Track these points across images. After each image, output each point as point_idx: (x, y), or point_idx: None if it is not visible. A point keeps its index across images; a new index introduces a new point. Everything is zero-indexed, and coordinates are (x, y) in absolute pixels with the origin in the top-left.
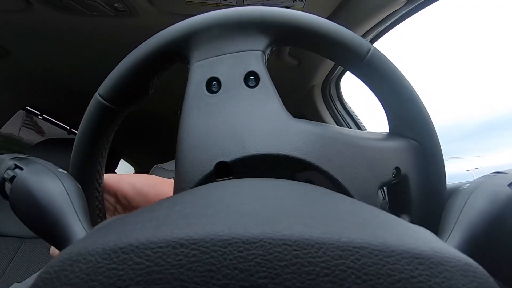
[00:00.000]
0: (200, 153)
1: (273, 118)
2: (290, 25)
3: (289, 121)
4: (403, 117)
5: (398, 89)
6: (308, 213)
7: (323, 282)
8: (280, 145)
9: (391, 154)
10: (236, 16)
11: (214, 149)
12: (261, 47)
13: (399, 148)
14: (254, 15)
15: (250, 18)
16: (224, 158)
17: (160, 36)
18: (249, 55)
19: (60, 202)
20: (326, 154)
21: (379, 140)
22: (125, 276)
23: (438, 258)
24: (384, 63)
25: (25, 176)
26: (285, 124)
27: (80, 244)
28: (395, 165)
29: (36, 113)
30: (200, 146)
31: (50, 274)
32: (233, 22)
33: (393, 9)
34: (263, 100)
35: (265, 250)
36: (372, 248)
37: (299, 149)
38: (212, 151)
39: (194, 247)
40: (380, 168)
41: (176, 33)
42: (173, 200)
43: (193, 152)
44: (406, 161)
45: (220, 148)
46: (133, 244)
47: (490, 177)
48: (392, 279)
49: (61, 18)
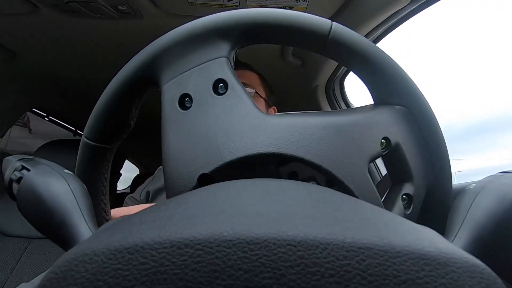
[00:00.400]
0: (181, 169)
1: (245, 119)
2: (245, 25)
3: (261, 119)
4: (383, 85)
5: (369, 56)
6: (312, 213)
7: (328, 283)
8: (255, 144)
9: (375, 125)
10: (192, 30)
11: (193, 163)
12: (224, 53)
13: (384, 117)
14: (209, 24)
15: (206, 28)
16: (205, 170)
17: (127, 68)
18: (213, 63)
19: (66, 202)
20: (303, 142)
21: (360, 113)
22: (131, 276)
23: (444, 259)
24: (348, 35)
25: (32, 177)
26: (257, 122)
27: (85, 245)
28: (382, 135)
29: (43, 114)
30: (181, 162)
31: (57, 274)
32: (191, 36)
33: (397, 9)
34: (234, 104)
35: (269, 250)
36: (377, 249)
37: (274, 144)
38: (192, 166)
39: (198, 248)
40: (365, 142)
41: (140, 61)
42: (177, 201)
43: (175, 169)
44: (395, 129)
45: (199, 161)
46: (138, 244)
47: (497, 176)
48: (398, 280)
49: (66, 20)
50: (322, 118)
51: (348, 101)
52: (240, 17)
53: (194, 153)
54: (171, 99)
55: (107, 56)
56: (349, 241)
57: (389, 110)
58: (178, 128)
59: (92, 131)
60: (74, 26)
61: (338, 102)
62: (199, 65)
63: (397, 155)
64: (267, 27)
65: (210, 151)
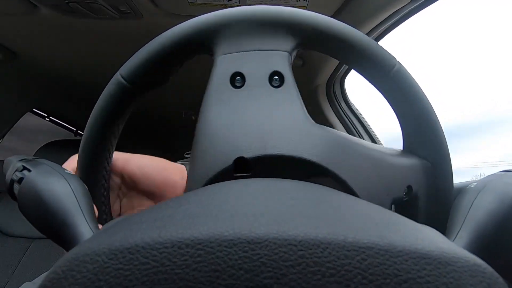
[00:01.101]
0: (220, 146)
1: (296, 121)
2: (320, 30)
3: (310, 126)
4: (419, 137)
5: (418, 109)
6: (313, 213)
7: (329, 283)
8: (301, 148)
9: (404, 172)
10: (266, 14)
11: (235, 144)
12: (288, 48)
13: (412, 167)
14: (285, 14)
15: (280, 18)
16: (244, 154)
17: (188, 25)
18: (275, 54)
19: (67, 203)
20: (345, 163)
21: (394, 156)
22: (132, 276)
23: (445, 258)
24: (408, 80)
25: (33, 178)
26: (307, 128)
27: (87, 245)
28: (407, 184)
29: (43, 115)
30: (221, 139)
31: (58, 274)
32: (263, 20)
33: (397, 7)
34: (287, 102)
35: (270, 250)
36: (378, 248)
37: (319, 155)
38: (232, 146)
39: (199, 247)
40: (393, 185)
41: (205, 23)
42: (178, 201)
43: (213, 144)
44: (418, 180)
45: (241, 143)
46: (139, 244)
47: (498, 175)
48: (399, 279)
49: (67, 21)
50: (365, 147)
51: (348, 101)
52: (319, 21)
53: (237, 133)
54: (224, 73)
55: (107, 56)
56: (350, 241)
57: (417, 161)
58: (223, 103)
59: (131, 72)
60: (75, 26)
61: (338, 101)
62: (261, 50)
63: (412, 205)
64: (339, 41)
65: (253, 137)
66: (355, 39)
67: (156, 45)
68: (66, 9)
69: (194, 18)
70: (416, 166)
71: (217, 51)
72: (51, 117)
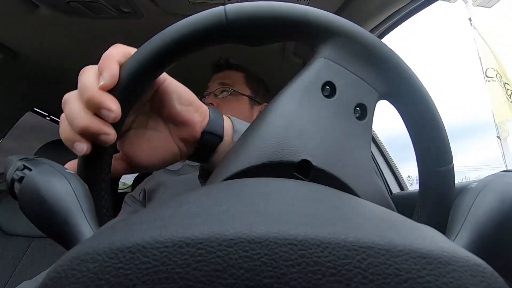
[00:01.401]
0: (291, 140)
1: (363, 163)
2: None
3: (370, 169)
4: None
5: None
6: (314, 212)
7: (329, 282)
8: (364, 190)
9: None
10: (383, 52)
11: (308, 146)
12: (382, 91)
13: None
14: (397, 68)
15: (391, 64)
16: (313, 161)
17: (312, 10)
18: (371, 90)
19: (68, 202)
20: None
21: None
22: (132, 275)
23: (446, 258)
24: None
25: (34, 177)
26: (368, 171)
27: (87, 244)
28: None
29: (44, 114)
30: (294, 134)
31: (59, 273)
32: (378, 56)
33: (401, 5)
34: (362, 139)
35: (270, 249)
36: (378, 248)
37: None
38: (304, 147)
39: (199, 247)
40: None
41: (326, 19)
42: (179, 200)
43: (285, 135)
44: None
45: (313, 149)
46: (140, 243)
47: (499, 175)
48: (399, 279)
49: (67, 20)
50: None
51: None
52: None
53: (313, 139)
54: (317, 78)
55: None
56: (351, 240)
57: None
58: (308, 105)
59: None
60: (75, 25)
61: None
62: (359, 78)
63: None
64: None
65: (325, 151)
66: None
67: (277, 8)
68: (67, 8)
69: (315, 8)
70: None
71: (320, 51)
72: (52, 116)
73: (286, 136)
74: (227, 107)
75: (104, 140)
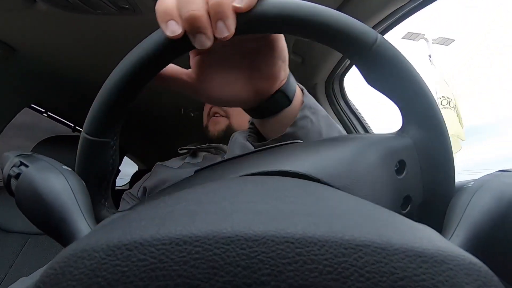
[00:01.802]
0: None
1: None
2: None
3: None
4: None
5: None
6: (311, 210)
7: (325, 280)
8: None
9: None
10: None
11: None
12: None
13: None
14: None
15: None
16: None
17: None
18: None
19: (65, 199)
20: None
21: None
22: (129, 273)
23: (441, 257)
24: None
25: (30, 173)
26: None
27: (84, 241)
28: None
29: (41, 110)
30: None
31: (56, 270)
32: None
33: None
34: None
35: (268, 247)
36: (375, 246)
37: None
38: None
39: (197, 244)
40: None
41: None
42: (176, 197)
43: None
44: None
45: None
46: (137, 241)
47: (495, 175)
48: (395, 277)
49: (65, 16)
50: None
51: (347, 99)
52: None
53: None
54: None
55: (106, 52)
56: (347, 238)
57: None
58: (380, 174)
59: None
60: (73, 21)
61: (337, 100)
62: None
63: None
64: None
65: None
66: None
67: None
68: (65, 4)
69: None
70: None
71: (411, 133)
72: (49, 112)
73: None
74: None
75: (201, 42)
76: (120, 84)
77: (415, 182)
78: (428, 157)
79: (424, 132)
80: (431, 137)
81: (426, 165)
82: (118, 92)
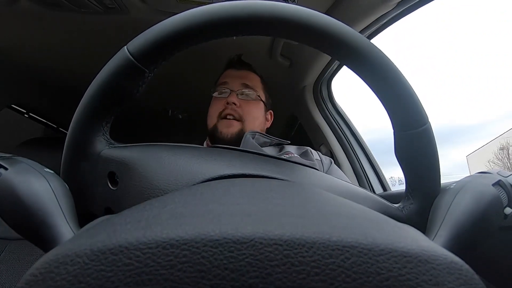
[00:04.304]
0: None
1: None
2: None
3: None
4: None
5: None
6: (299, 212)
7: (313, 281)
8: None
9: None
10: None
11: None
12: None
13: None
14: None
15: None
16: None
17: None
18: None
19: (46, 202)
20: None
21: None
22: (114, 278)
23: (425, 257)
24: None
25: (10, 176)
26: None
27: (67, 246)
28: None
29: (22, 111)
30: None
31: (36, 277)
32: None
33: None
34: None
35: (256, 250)
36: (361, 247)
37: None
38: None
39: (184, 248)
40: None
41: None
42: (163, 200)
43: None
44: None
45: None
46: (122, 245)
47: (475, 177)
48: (381, 277)
49: (48, 14)
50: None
51: (335, 103)
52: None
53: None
54: None
55: (90, 51)
56: (335, 240)
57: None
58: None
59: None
60: (56, 19)
61: (325, 103)
62: None
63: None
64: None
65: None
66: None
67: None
68: (49, 2)
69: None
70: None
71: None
72: (30, 113)
73: None
74: (247, 109)
75: None
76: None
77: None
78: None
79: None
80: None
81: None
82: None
